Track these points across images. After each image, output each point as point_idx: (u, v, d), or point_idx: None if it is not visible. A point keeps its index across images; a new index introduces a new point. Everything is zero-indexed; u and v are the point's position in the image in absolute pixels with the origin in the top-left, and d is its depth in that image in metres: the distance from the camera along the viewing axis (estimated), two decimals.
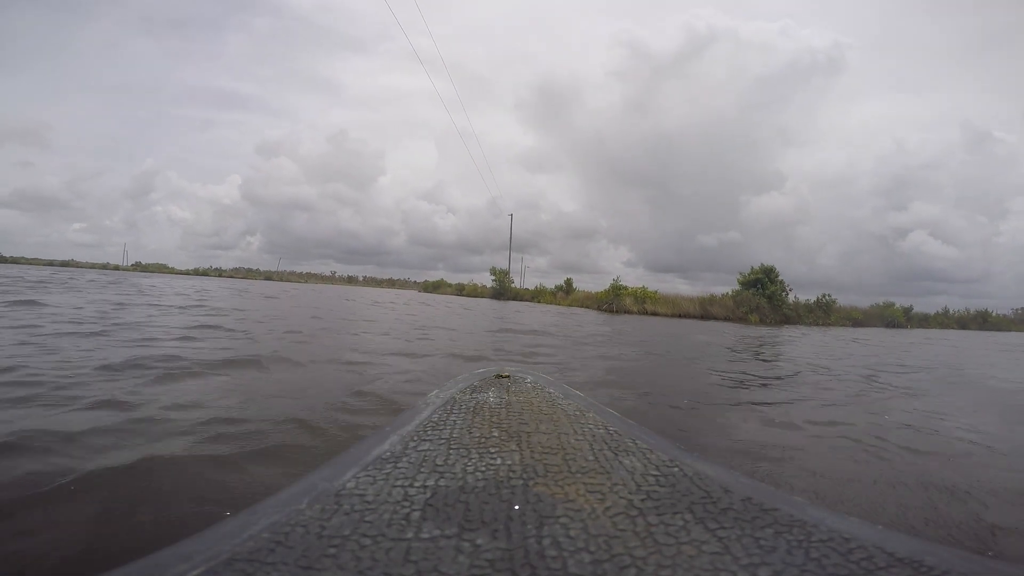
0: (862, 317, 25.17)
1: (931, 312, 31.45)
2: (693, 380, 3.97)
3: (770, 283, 23.34)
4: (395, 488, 0.35)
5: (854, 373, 4.97)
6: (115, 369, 2.78)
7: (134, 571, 0.27)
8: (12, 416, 1.86)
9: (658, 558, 0.28)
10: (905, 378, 4.88)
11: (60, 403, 2.06)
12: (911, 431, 2.63)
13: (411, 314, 10.65)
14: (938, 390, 4.28)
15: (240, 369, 3.12)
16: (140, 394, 2.29)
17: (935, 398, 3.80)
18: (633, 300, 21.56)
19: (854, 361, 6.30)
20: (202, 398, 2.31)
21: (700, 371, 4.49)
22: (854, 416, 2.89)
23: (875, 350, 8.49)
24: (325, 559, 0.27)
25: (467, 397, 0.59)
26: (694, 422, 2.58)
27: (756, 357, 6.08)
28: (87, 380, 2.48)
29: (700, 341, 8.19)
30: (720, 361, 5.44)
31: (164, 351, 3.45)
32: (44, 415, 1.89)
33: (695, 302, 21.70)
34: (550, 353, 5.08)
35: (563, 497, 0.35)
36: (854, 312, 25.37)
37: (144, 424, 1.87)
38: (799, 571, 0.27)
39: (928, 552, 0.28)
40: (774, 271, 23.87)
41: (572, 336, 7.34)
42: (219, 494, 1.36)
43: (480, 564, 0.27)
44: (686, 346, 7.20)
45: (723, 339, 8.95)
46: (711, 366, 4.91)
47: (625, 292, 22.04)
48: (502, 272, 39.23)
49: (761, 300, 22.03)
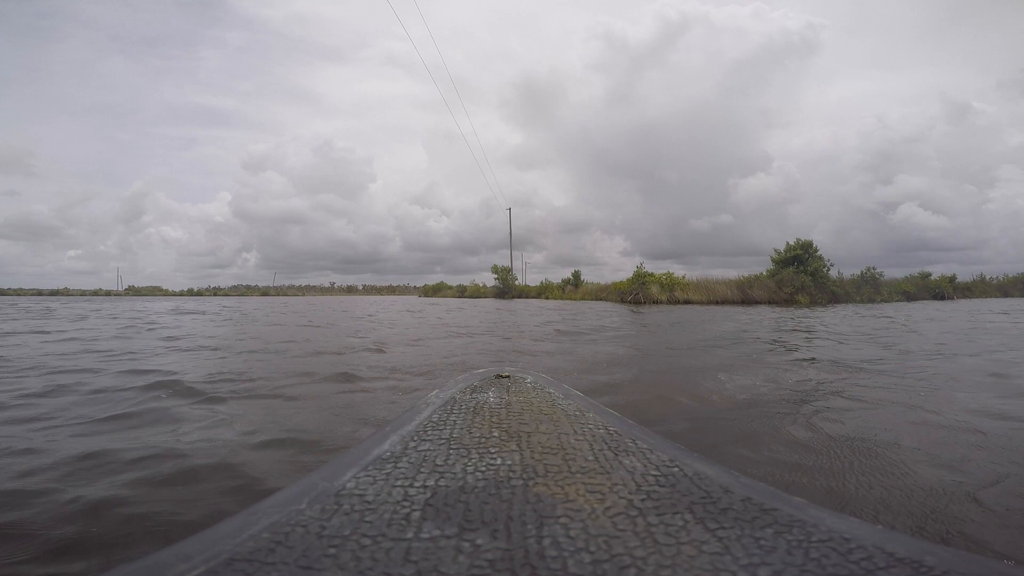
0: (914, 290, 22.55)
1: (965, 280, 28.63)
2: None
3: (812, 259, 20.77)
4: (395, 488, 0.35)
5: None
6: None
7: (134, 571, 0.26)
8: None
9: (658, 558, 0.27)
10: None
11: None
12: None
13: (458, 323, 8.19)
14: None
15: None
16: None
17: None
18: (660, 288, 18.95)
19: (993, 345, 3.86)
20: None
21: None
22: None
23: (997, 331, 6.00)
24: (325, 559, 0.27)
25: (467, 397, 0.58)
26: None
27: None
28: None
29: (814, 330, 5.74)
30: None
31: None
32: None
33: (732, 285, 19.06)
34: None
35: (563, 497, 0.34)
36: (904, 284, 22.71)
37: None
38: (799, 571, 0.26)
39: (928, 552, 0.28)
40: (812, 245, 21.27)
41: (675, 340, 4.90)
42: None
43: (480, 564, 0.27)
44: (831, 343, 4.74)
45: (837, 326, 6.49)
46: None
47: (651, 279, 19.38)
48: (504, 270, 36.80)
49: (805, 278, 19.44)
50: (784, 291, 18.70)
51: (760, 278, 19.92)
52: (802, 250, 20.97)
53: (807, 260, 20.68)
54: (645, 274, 19.75)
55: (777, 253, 21.53)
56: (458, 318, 9.68)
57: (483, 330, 6.79)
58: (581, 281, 31.97)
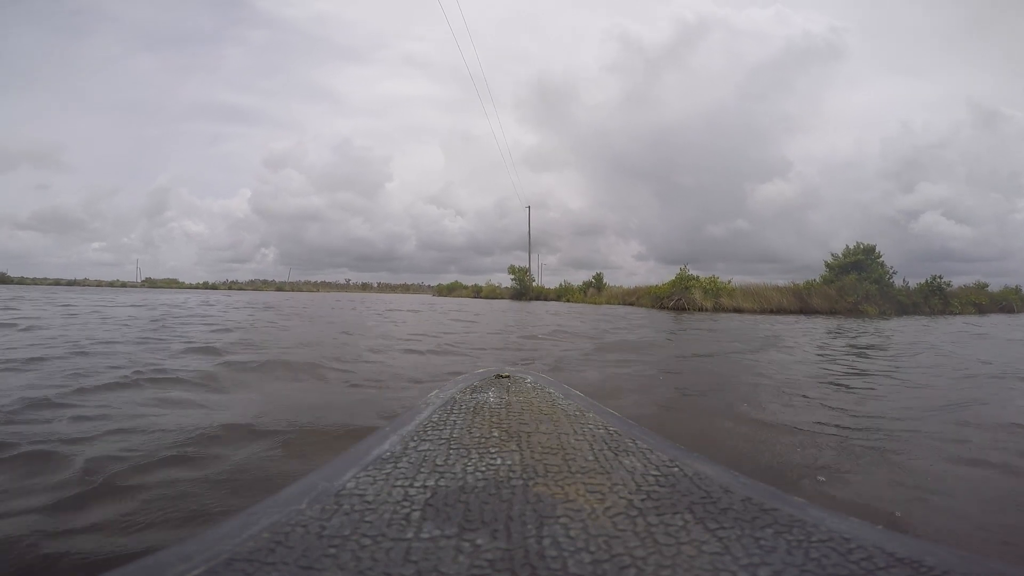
0: (987, 302, 20.03)
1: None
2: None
3: (874, 265, 18.52)
4: (395, 488, 0.35)
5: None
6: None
7: (134, 571, 0.26)
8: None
9: (658, 558, 0.27)
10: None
11: None
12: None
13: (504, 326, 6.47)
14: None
15: None
16: None
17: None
18: (703, 294, 16.88)
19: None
20: None
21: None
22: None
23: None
24: (325, 559, 0.27)
25: (467, 397, 0.58)
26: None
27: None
28: None
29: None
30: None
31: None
32: None
33: (787, 293, 16.89)
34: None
35: (563, 497, 0.34)
36: (976, 296, 20.17)
37: None
38: (799, 571, 0.26)
39: (928, 552, 0.28)
40: (875, 250, 19.04)
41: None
42: None
43: (480, 564, 0.27)
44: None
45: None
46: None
47: (696, 284, 17.25)
48: (522, 270, 35.03)
49: (870, 287, 17.20)
50: (847, 300, 16.48)
51: (816, 285, 17.73)
52: (863, 255, 18.73)
53: (869, 266, 18.44)
54: (689, 277, 17.56)
55: (834, 258, 19.30)
56: (505, 319, 7.89)
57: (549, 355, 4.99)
58: (604, 284, 29.97)
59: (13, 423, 1.79)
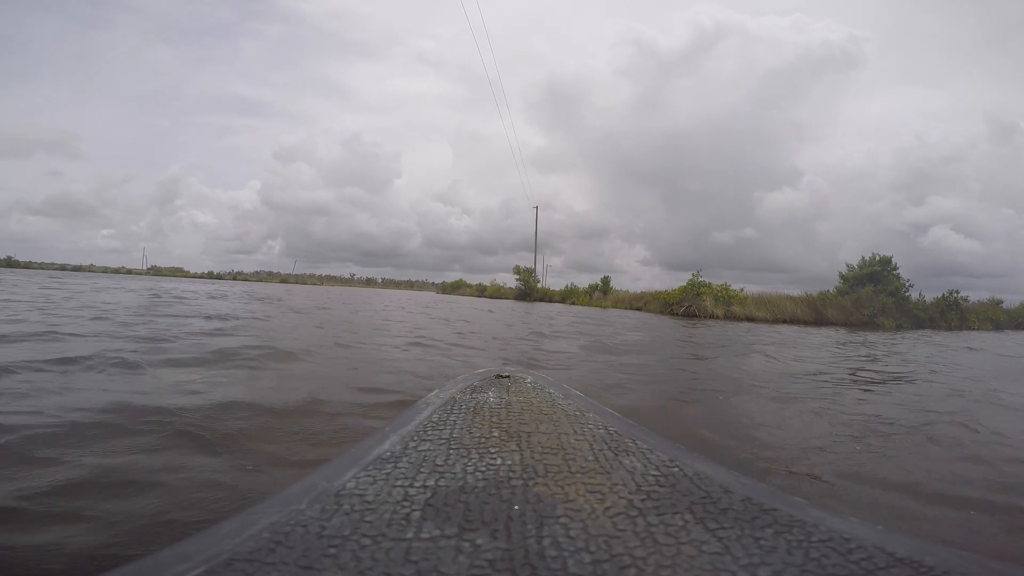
0: (1004, 318, 19.53)
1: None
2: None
3: (890, 278, 18.09)
4: (395, 488, 0.35)
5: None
6: None
7: (134, 571, 0.26)
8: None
9: (658, 558, 0.27)
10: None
11: None
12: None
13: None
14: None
15: None
16: None
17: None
18: (714, 301, 16.49)
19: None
20: None
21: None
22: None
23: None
24: (325, 559, 0.27)
25: (467, 397, 0.58)
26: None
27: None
28: None
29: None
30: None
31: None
32: None
33: (801, 303, 16.45)
34: None
35: (563, 497, 0.34)
36: (993, 312, 19.64)
37: None
38: (799, 571, 0.26)
39: (928, 552, 0.28)
40: (891, 262, 18.61)
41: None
42: None
43: (480, 564, 0.27)
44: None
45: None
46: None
47: (708, 291, 16.79)
48: (527, 271, 34.67)
49: (887, 299, 16.77)
50: (862, 312, 16.06)
51: (830, 296, 17.32)
52: (880, 267, 18.32)
53: (885, 278, 18.01)
54: (701, 284, 17.17)
55: (849, 269, 18.90)
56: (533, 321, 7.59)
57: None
58: (610, 288, 29.60)
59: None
